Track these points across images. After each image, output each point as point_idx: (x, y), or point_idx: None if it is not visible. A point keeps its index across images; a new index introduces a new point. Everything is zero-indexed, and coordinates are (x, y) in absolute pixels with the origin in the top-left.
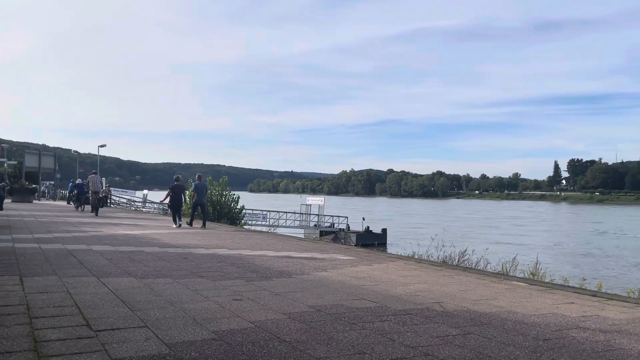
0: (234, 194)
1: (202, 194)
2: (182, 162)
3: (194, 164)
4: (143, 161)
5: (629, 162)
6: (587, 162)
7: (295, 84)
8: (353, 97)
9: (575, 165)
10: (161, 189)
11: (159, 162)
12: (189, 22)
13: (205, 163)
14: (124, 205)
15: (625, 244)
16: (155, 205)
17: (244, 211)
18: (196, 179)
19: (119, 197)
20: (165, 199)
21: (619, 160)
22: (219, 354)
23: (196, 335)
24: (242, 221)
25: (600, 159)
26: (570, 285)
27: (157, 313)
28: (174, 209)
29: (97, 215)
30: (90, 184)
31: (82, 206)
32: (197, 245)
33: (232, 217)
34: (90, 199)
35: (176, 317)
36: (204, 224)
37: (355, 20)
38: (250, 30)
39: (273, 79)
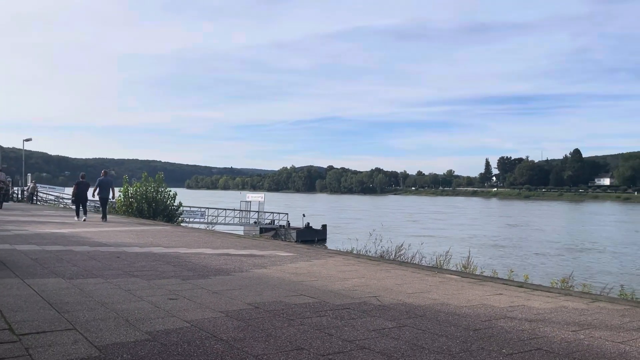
0: (171, 191)
1: (105, 190)
2: (115, 157)
3: (128, 160)
4: (73, 156)
5: (553, 160)
6: (515, 159)
7: (235, 79)
8: (293, 93)
9: (505, 163)
10: (93, 185)
11: (90, 157)
12: (122, 11)
13: (140, 159)
14: (51, 203)
15: (531, 236)
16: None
17: (181, 208)
18: (101, 174)
19: (46, 193)
20: (73, 194)
21: (544, 159)
22: (152, 355)
23: (128, 337)
24: (179, 218)
25: (527, 157)
26: (499, 277)
27: (87, 315)
28: (78, 203)
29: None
30: None
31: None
32: (130, 244)
33: (168, 214)
34: None
35: (107, 319)
36: (104, 216)
37: (295, 16)
38: (188, 22)
39: (212, 73)
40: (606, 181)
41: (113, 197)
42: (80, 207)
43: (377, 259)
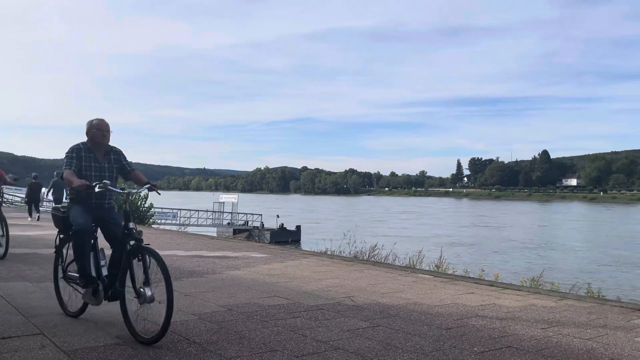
0: (142, 192)
1: (59, 191)
2: None
3: None
4: (40, 157)
5: (523, 161)
6: (486, 160)
7: (209, 79)
8: (268, 93)
9: (476, 164)
10: (47, 186)
11: (59, 157)
12: (97, 11)
13: None
14: (18, 205)
15: (501, 235)
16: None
17: (152, 209)
18: (54, 176)
19: (12, 195)
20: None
21: (514, 160)
22: (123, 359)
23: (98, 341)
24: (151, 220)
25: (497, 158)
26: (470, 276)
27: (55, 319)
28: (31, 203)
29: None
30: None
31: None
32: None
33: (139, 216)
34: None
35: (76, 323)
36: None
37: (270, 17)
38: (162, 21)
39: (185, 73)
40: (573, 182)
41: (67, 198)
42: (33, 207)
43: (351, 260)
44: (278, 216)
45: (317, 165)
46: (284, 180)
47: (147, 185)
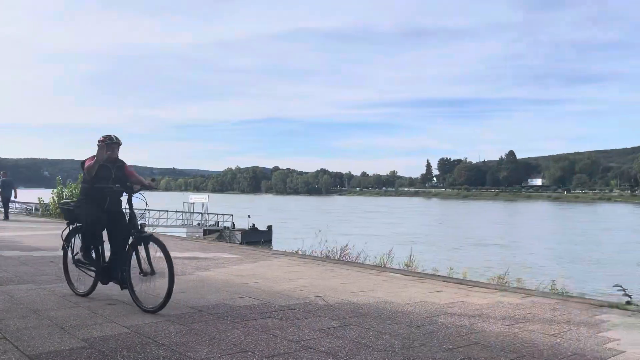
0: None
1: (8, 190)
2: (50, 157)
3: (64, 160)
4: (2, 156)
5: (490, 162)
6: (454, 161)
7: (177, 78)
8: (238, 93)
9: (445, 164)
10: (25, 186)
11: (22, 157)
12: (59, 7)
13: (76, 159)
14: None
15: (469, 234)
16: (18, 205)
17: None
18: (1, 175)
19: None
20: None
21: (482, 160)
22: None
23: (63, 345)
24: None
25: (465, 159)
26: (439, 274)
27: (18, 323)
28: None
29: None
30: None
31: None
32: None
33: None
34: None
35: (40, 326)
36: (6, 217)
37: (238, 15)
38: (127, 19)
39: (153, 71)
40: (538, 181)
41: (15, 197)
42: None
43: (322, 259)
44: (249, 216)
45: (288, 165)
46: (255, 181)
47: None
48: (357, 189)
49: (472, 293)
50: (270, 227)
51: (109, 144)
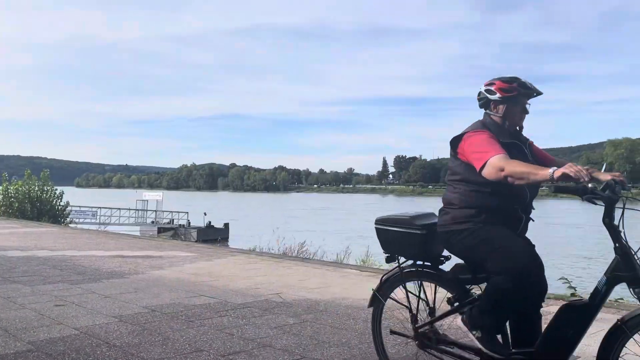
0: (57, 189)
1: None
2: None
3: (9, 156)
4: None
5: (444, 159)
6: (410, 158)
7: (131, 72)
8: (195, 88)
9: (400, 161)
10: None
11: None
12: None
13: (22, 155)
14: None
15: None
16: None
17: (69, 208)
18: None
19: None
20: None
21: (436, 157)
22: None
23: (7, 348)
24: (67, 219)
25: (420, 156)
26: None
27: None
28: None
29: None
30: None
31: None
32: (10, 247)
33: (54, 214)
34: None
35: None
36: None
37: (195, 10)
38: (78, 10)
39: (104, 65)
40: None
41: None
42: None
43: (279, 256)
44: (205, 214)
45: (246, 162)
46: (211, 177)
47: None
48: (315, 186)
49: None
50: (227, 225)
51: (520, 93)
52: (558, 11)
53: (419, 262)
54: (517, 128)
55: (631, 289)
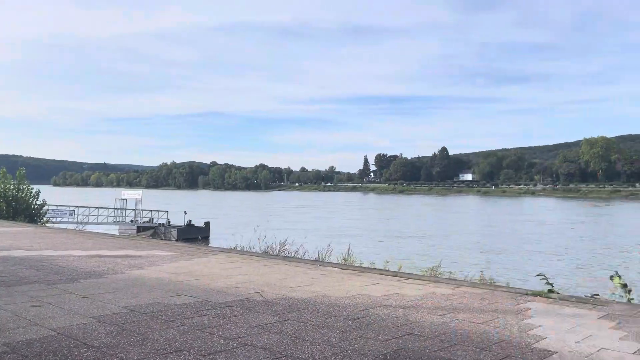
0: (33, 188)
1: None
2: None
3: None
4: None
5: (424, 157)
6: (390, 157)
7: (109, 69)
8: (174, 86)
9: (381, 160)
10: None
11: None
12: None
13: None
14: None
15: (404, 227)
16: None
17: (45, 207)
18: None
19: None
20: None
21: (417, 156)
22: None
23: None
24: (44, 218)
25: (401, 154)
26: (376, 267)
27: None
28: None
29: None
30: None
31: None
32: None
33: (30, 214)
34: None
35: None
36: None
37: (176, 6)
38: (53, 6)
39: (82, 62)
40: (469, 176)
41: None
42: None
43: (260, 255)
44: (185, 212)
45: (226, 161)
46: (192, 176)
47: None
48: (297, 184)
49: (406, 285)
50: (207, 223)
51: None
52: (536, 11)
53: None
54: None
55: None
